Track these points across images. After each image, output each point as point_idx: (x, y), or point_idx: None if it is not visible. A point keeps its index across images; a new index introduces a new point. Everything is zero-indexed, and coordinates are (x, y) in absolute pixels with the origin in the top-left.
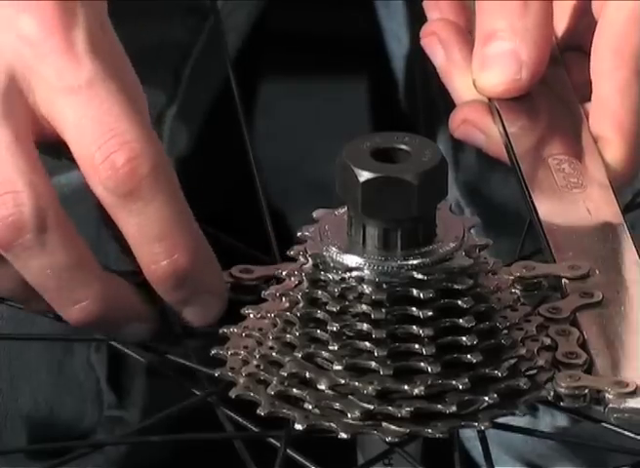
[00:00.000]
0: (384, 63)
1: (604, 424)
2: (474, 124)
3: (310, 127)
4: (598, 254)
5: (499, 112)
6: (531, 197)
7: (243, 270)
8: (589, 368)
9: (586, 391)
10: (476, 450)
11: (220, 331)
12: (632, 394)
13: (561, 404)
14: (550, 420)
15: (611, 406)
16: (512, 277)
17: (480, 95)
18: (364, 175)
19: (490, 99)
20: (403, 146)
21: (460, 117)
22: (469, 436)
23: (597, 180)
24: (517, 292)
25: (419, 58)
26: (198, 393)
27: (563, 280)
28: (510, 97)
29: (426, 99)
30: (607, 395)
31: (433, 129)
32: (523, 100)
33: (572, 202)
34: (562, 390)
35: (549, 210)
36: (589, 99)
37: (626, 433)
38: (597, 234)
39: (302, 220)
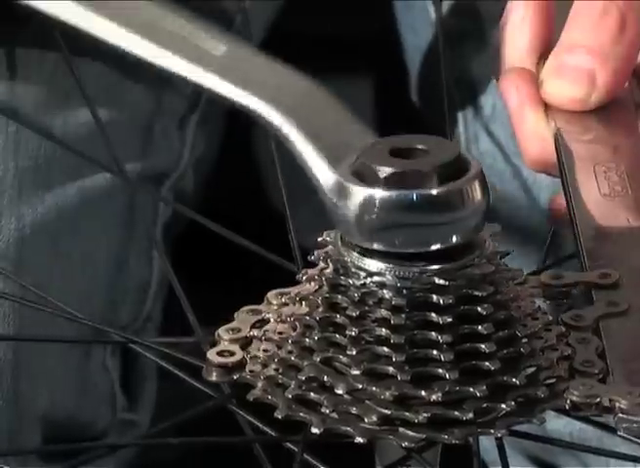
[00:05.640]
0: (393, 65)
1: (619, 434)
2: (517, 88)
3: None
4: (631, 264)
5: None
6: (571, 201)
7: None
8: (605, 377)
9: (598, 400)
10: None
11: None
12: None
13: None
14: (560, 421)
15: (620, 415)
16: (541, 285)
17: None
18: None
19: None
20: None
21: (511, 77)
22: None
23: None
24: (536, 301)
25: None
26: (216, 396)
27: (591, 288)
28: (572, 110)
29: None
30: (618, 404)
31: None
32: None
33: (612, 210)
34: (574, 398)
35: (588, 216)
36: None
37: (639, 442)
38: (633, 243)
39: (303, 222)
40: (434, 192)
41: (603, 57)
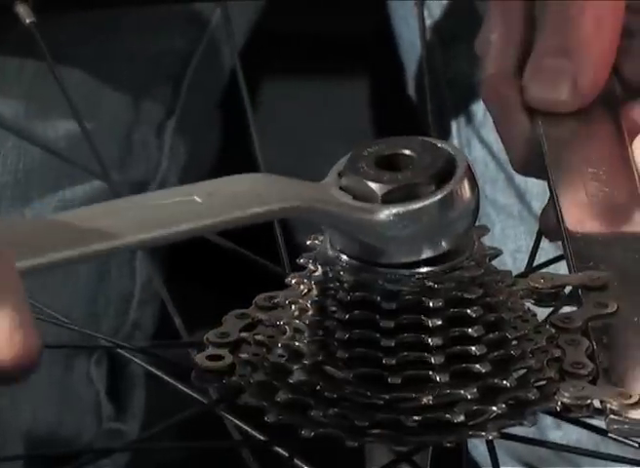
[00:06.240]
0: (388, 65)
1: (609, 435)
2: (497, 94)
3: (309, 129)
4: (619, 265)
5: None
6: (559, 203)
7: None
8: (595, 378)
9: (589, 401)
10: (476, 451)
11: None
12: (634, 405)
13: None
14: (555, 427)
15: (611, 417)
16: (529, 287)
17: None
18: None
19: None
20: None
21: (492, 82)
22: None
23: (630, 193)
24: (525, 303)
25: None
26: (205, 401)
27: (580, 290)
28: (555, 112)
29: (434, 88)
30: (609, 406)
31: (441, 120)
32: None
33: (600, 211)
34: (565, 400)
35: (575, 217)
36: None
37: (630, 443)
38: (621, 245)
39: (299, 224)
40: (437, 199)
41: (582, 56)
